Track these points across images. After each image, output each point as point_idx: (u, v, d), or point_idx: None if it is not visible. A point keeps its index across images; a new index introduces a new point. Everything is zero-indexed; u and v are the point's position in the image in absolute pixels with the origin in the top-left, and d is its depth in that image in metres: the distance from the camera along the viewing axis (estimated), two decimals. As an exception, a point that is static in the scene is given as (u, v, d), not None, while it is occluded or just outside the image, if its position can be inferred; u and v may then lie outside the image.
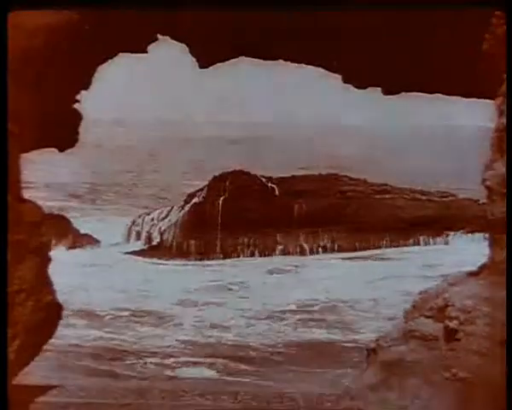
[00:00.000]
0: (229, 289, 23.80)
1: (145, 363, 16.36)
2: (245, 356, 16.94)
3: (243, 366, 16.10)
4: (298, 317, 20.24)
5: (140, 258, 28.07)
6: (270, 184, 29.89)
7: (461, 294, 6.52)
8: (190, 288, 23.37)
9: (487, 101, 7.23)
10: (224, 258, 27.77)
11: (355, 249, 28.27)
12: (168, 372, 15.86)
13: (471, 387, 6.24)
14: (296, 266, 26.88)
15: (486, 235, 6.60)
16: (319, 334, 18.70)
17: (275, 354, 17.18)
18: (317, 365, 15.79)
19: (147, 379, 14.88)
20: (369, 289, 23.14)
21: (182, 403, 7.59)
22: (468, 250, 25.05)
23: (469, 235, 28.11)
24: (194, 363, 16.48)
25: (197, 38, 9.25)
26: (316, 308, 21.10)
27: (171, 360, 16.62)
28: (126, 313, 20.26)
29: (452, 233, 28.95)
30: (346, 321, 19.70)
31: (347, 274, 25.28)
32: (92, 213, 35.68)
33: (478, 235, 25.98)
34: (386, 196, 30.12)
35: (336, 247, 28.52)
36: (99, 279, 23.57)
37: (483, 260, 6.65)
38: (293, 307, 21.16)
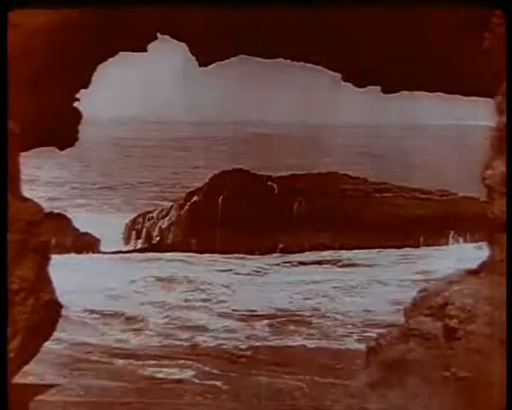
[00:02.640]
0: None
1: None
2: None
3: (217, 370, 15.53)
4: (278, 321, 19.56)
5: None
6: (269, 183, 29.85)
7: (461, 292, 6.52)
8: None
9: (487, 99, 7.24)
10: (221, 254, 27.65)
11: (356, 249, 28.23)
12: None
13: (471, 386, 6.25)
14: (284, 267, 26.48)
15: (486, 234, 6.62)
16: (296, 341, 17.93)
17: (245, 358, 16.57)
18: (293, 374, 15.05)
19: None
20: (359, 295, 22.62)
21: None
22: (468, 250, 25.02)
23: (469, 234, 28.07)
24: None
25: (197, 36, 9.27)
26: (298, 313, 20.35)
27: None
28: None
29: (452, 232, 28.92)
30: (330, 330, 18.88)
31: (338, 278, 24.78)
32: (92, 212, 35.64)
33: (478, 234, 25.93)
34: (387, 194, 30.09)
35: (337, 245, 28.48)
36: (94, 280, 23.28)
37: (483, 259, 6.66)
38: (277, 311, 20.57)
